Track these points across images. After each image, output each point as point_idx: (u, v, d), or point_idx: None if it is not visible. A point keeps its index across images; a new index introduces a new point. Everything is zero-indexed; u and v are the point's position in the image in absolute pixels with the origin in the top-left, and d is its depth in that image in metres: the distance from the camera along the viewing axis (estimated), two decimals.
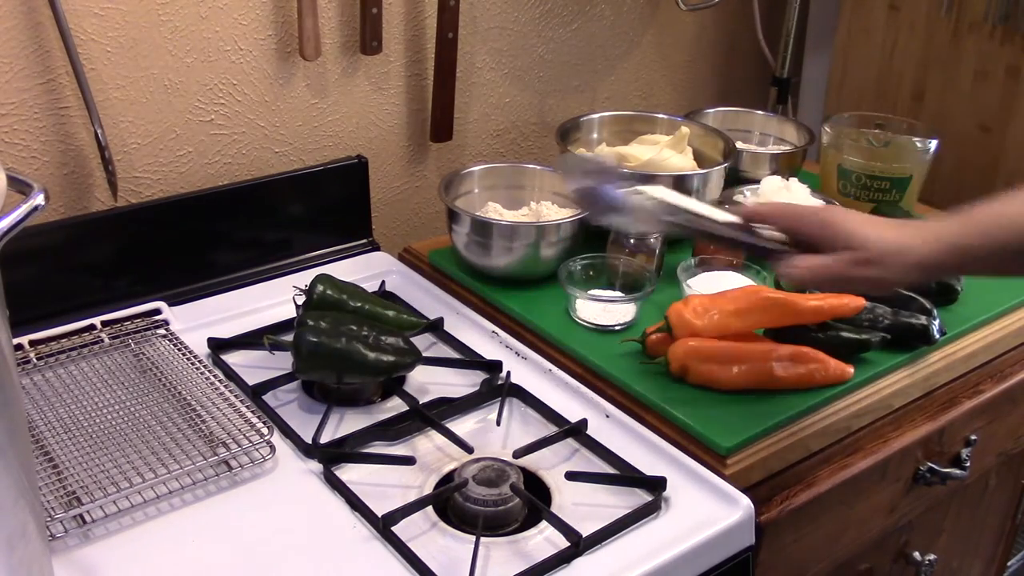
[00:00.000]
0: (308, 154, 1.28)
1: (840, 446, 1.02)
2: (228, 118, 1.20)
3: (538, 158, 1.51)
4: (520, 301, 1.15)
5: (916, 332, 1.07)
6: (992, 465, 1.28)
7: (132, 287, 1.12)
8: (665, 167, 1.25)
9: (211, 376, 0.99)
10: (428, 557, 0.79)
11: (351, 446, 0.92)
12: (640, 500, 0.87)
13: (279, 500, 0.86)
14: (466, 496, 0.84)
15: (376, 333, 0.97)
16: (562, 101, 1.52)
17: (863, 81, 1.63)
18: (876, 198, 1.32)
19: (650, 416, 0.98)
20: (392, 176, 1.37)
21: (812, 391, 1.00)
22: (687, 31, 1.65)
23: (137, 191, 1.16)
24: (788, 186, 1.29)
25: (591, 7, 1.49)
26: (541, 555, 0.80)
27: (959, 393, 1.13)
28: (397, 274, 1.23)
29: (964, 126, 1.51)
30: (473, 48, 1.38)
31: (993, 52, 1.46)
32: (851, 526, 1.06)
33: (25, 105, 1.05)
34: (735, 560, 0.88)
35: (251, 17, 1.17)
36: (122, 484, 0.84)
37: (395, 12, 1.28)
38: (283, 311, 1.12)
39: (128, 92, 1.11)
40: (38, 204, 0.61)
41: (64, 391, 0.96)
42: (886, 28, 1.58)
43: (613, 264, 1.15)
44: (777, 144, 1.51)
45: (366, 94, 1.30)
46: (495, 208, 1.23)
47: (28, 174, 0.98)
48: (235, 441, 0.90)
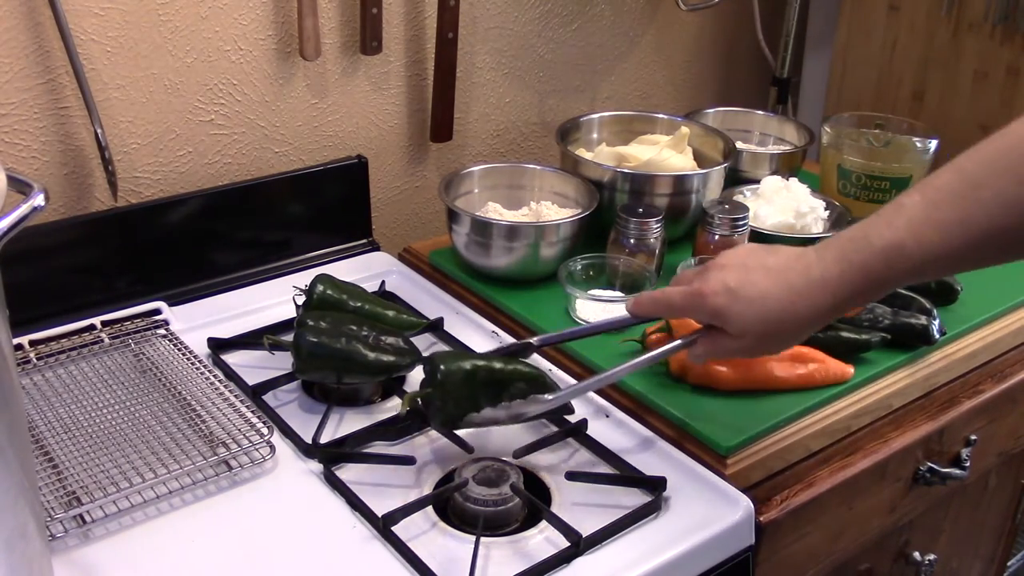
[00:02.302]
0: (308, 154, 1.28)
1: (840, 446, 1.02)
2: (228, 118, 1.20)
3: (538, 158, 1.51)
4: (520, 301, 1.15)
5: (916, 332, 1.07)
6: (992, 465, 1.28)
7: (132, 287, 1.12)
8: (665, 167, 1.25)
9: (211, 376, 0.99)
10: (428, 557, 0.79)
11: (351, 446, 0.92)
12: (640, 500, 0.87)
13: (279, 500, 0.86)
14: (466, 496, 0.84)
15: (376, 333, 0.97)
16: (562, 101, 1.52)
17: (863, 81, 1.63)
18: (876, 198, 1.32)
19: (650, 416, 0.98)
20: (392, 176, 1.37)
21: (812, 391, 1.00)
22: (687, 31, 1.65)
23: (137, 191, 1.16)
24: (788, 186, 1.29)
25: (591, 7, 1.49)
26: (541, 555, 0.80)
27: (959, 393, 1.13)
28: (397, 274, 1.23)
29: (964, 126, 1.51)
30: (473, 48, 1.38)
31: (993, 52, 1.46)
32: (851, 526, 1.06)
33: (25, 105, 1.05)
34: (735, 560, 0.88)
35: (251, 17, 1.17)
36: (122, 484, 0.84)
37: (395, 12, 1.28)
38: (283, 311, 1.12)
39: (128, 92, 1.11)
40: (38, 204, 0.61)
41: (64, 391, 0.96)
42: (886, 28, 1.58)
43: (613, 264, 1.15)
44: (777, 144, 1.51)
45: (366, 94, 1.30)
46: (495, 208, 1.23)
47: (28, 174, 0.98)
48: (235, 441, 0.90)
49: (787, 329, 0.81)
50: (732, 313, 0.81)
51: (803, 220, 1.25)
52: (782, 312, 0.80)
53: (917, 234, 0.74)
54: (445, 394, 0.87)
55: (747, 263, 0.83)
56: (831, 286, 0.78)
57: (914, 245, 0.74)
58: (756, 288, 0.81)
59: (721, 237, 1.17)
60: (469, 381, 0.88)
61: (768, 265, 0.82)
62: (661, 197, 1.22)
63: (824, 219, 1.27)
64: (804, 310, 0.79)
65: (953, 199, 0.74)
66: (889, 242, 0.75)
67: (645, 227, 1.15)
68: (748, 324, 0.81)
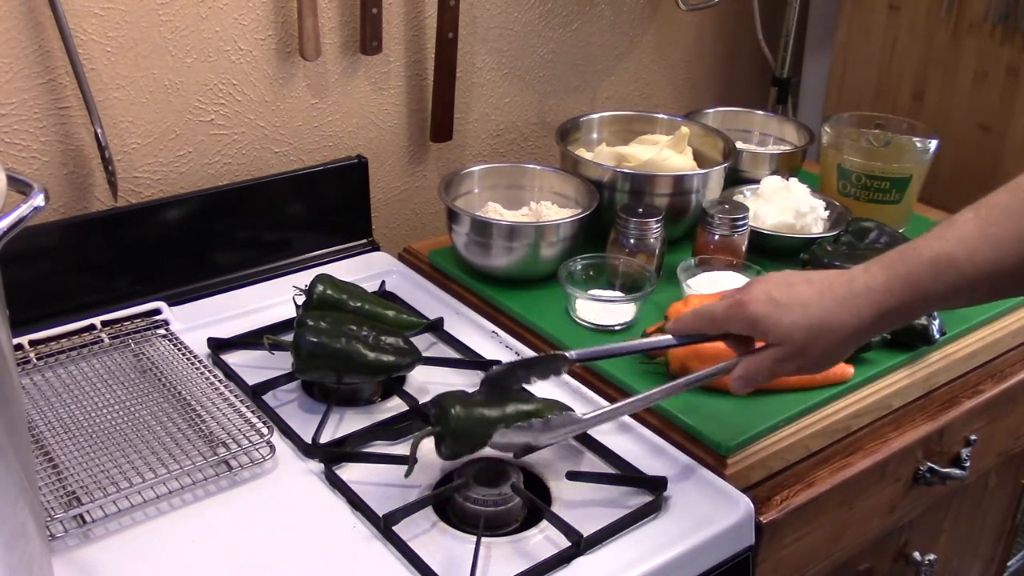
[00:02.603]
0: (308, 154, 1.28)
1: (840, 446, 1.02)
2: (228, 118, 1.20)
3: (538, 158, 1.51)
4: (520, 301, 1.15)
5: (916, 332, 1.07)
6: (992, 465, 1.28)
7: (132, 287, 1.12)
8: (665, 167, 1.25)
9: (211, 376, 0.99)
10: (429, 557, 0.79)
11: (351, 446, 0.92)
12: (640, 500, 0.87)
13: (279, 500, 0.86)
14: (467, 496, 0.84)
15: (376, 333, 0.97)
16: (562, 101, 1.52)
17: (863, 81, 1.63)
18: (876, 198, 1.32)
19: (650, 416, 0.98)
20: (392, 176, 1.37)
21: (812, 391, 1.00)
22: (687, 31, 1.65)
23: (137, 191, 1.16)
24: (788, 186, 1.29)
25: (591, 7, 1.49)
26: (542, 555, 0.80)
27: (959, 393, 1.13)
28: (397, 274, 1.23)
29: (964, 126, 1.51)
30: (473, 48, 1.38)
31: (993, 52, 1.46)
32: (851, 526, 1.06)
33: (25, 105, 1.05)
34: (735, 560, 0.88)
35: (251, 17, 1.17)
36: (122, 484, 0.84)
37: (395, 12, 1.28)
38: (283, 311, 1.12)
39: (128, 92, 1.11)
40: (38, 204, 0.61)
41: (64, 391, 0.96)
42: (886, 28, 1.58)
43: (613, 264, 1.15)
44: (777, 144, 1.51)
45: (366, 94, 1.30)
46: (495, 208, 1.23)
47: (28, 174, 0.98)
48: (235, 441, 0.90)
49: (829, 338, 0.78)
50: (773, 320, 0.79)
51: (803, 220, 1.25)
52: (824, 319, 0.78)
53: (970, 248, 0.72)
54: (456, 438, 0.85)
55: (790, 279, 0.82)
56: (876, 295, 0.76)
57: (965, 258, 0.72)
58: (798, 297, 0.79)
59: (721, 237, 1.17)
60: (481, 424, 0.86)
61: (811, 278, 0.81)
62: (661, 197, 1.22)
63: (824, 219, 1.27)
64: (847, 319, 0.77)
65: (1009, 215, 0.72)
66: (939, 253, 0.74)
67: (645, 227, 1.14)
68: (789, 331, 0.78)
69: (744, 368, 0.83)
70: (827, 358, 0.81)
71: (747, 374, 0.83)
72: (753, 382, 0.84)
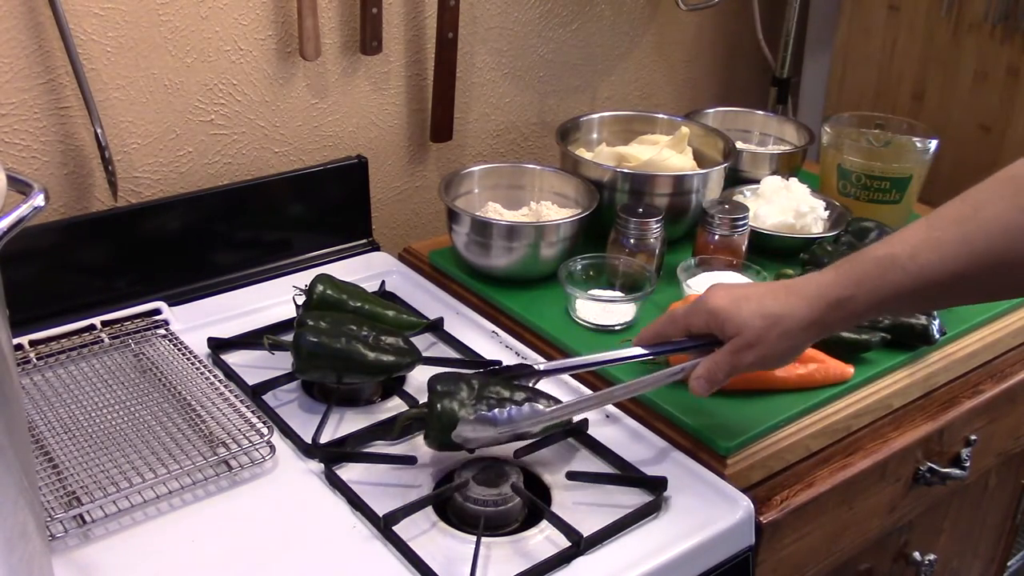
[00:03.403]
0: (308, 154, 1.28)
1: (840, 446, 1.02)
2: (228, 118, 1.20)
3: (538, 158, 1.51)
4: (520, 301, 1.15)
5: (916, 332, 1.07)
6: (992, 465, 1.28)
7: (132, 287, 1.12)
8: (665, 167, 1.25)
9: (211, 376, 0.99)
10: (429, 557, 0.79)
11: (351, 446, 0.92)
12: (640, 500, 0.87)
13: (279, 500, 0.86)
14: (467, 496, 0.84)
15: (376, 333, 0.97)
16: (562, 101, 1.53)
17: (863, 81, 1.63)
18: (876, 198, 1.32)
19: (650, 416, 0.98)
20: (392, 176, 1.37)
21: (812, 391, 1.00)
22: (687, 31, 1.65)
23: (137, 191, 1.16)
24: (788, 186, 1.29)
25: (591, 7, 1.49)
26: (542, 555, 0.80)
27: (959, 393, 1.13)
28: (397, 274, 1.23)
29: (964, 126, 1.51)
30: (473, 48, 1.38)
31: (993, 52, 1.46)
32: (851, 526, 1.06)
33: (25, 105, 1.05)
34: (735, 560, 0.88)
35: (251, 17, 1.17)
36: (122, 484, 0.84)
37: (395, 12, 1.28)
38: (283, 311, 1.12)
39: (128, 92, 1.11)
40: (38, 204, 0.61)
41: (64, 391, 0.96)
42: (886, 28, 1.58)
43: (613, 264, 1.15)
44: (777, 144, 1.51)
45: (366, 94, 1.30)
46: (495, 208, 1.23)
47: (28, 174, 0.98)
48: (235, 441, 0.90)
49: (783, 326, 0.82)
50: (731, 310, 0.84)
51: (803, 220, 1.25)
52: (778, 309, 0.82)
53: (913, 249, 0.77)
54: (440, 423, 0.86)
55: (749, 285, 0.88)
56: (824, 288, 0.82)
57: (908, 258, 0.77)
58: (755, 292, 0.86)
59: (721, 237, 1.17)
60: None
61: (771, 284, 0.87)
62: (661, 197, 1.22)
63: (824, 219, 1.27)
64: (800, 309, 0.82)
65: (952, 221, 0.76)
66: (886, 252, 0.79)
67: (645, 227, 1.14)
68: (746, 319, 0.83)
69: (704, 366, 0.87)
70: (784, 349, 0.84)
71: (707, 372, 0.87)
72: (714, 379, 0.87)
